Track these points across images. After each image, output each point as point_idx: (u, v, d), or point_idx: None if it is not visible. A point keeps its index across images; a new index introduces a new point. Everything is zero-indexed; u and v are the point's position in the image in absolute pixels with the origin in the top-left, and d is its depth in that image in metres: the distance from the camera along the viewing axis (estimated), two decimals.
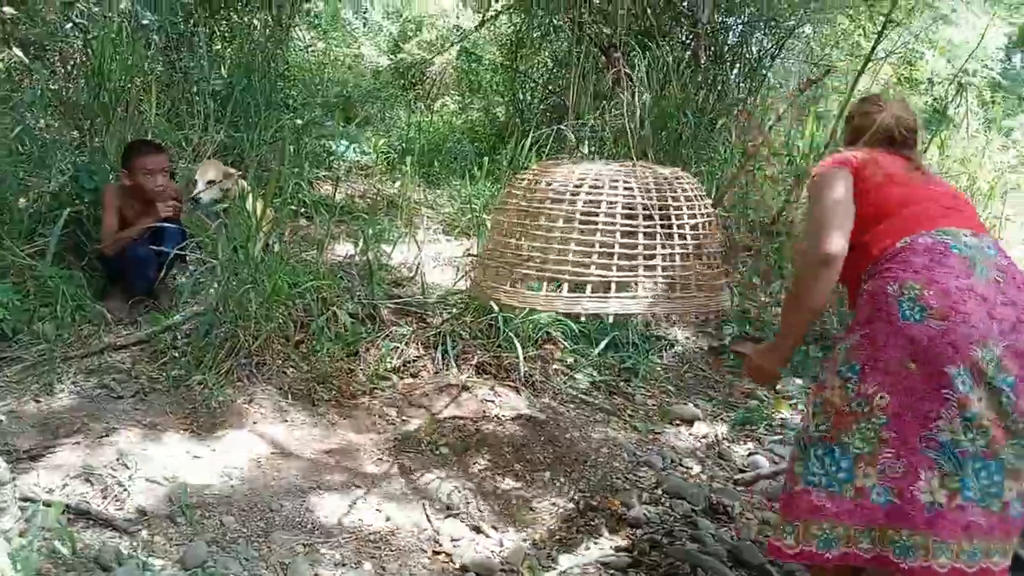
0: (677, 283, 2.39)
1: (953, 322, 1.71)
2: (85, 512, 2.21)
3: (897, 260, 1.82)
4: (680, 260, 2.39)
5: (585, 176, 2.42)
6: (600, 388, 3.70)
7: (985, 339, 1.71)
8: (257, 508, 2.40)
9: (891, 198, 1.94)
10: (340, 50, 10.09)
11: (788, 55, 7.17)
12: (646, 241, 2.35)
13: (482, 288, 2.55)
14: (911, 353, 1.73)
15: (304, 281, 3.37)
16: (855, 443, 1.78)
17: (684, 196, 2.44)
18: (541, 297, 2.40)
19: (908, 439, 1.74)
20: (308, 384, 3.16)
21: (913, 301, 1.75)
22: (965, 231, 1.86)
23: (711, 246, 2.46)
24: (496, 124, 8.22)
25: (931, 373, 1.72)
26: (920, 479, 1.73)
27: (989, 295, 1.75)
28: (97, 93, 4.23)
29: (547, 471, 2.98)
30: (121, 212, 3.51)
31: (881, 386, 1.76)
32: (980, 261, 1.80)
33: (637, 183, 2.40)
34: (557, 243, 2.42)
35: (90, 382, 2.94)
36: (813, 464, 1.83)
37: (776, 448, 3.43)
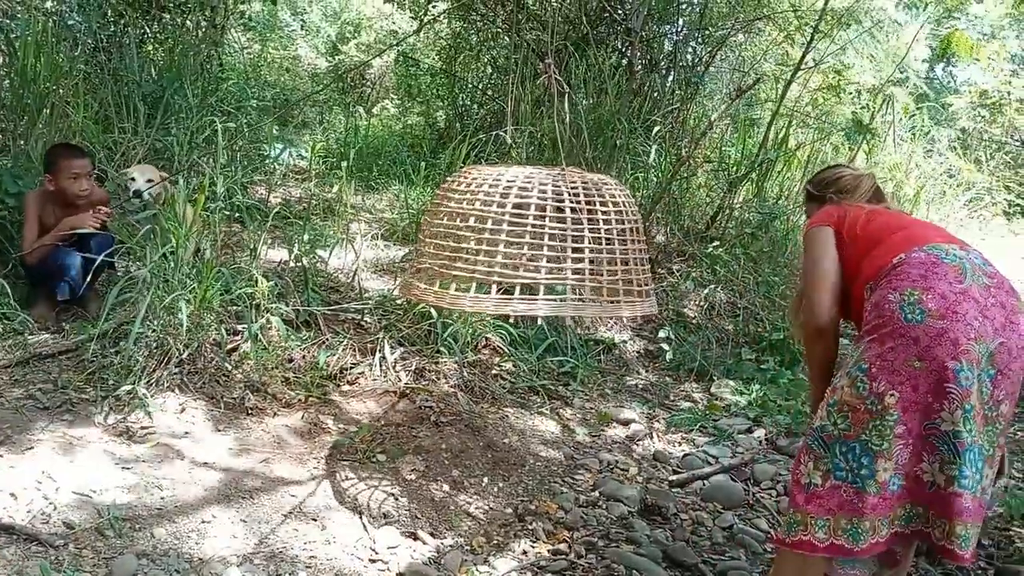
0: (605, 287, 2.42)
1: (951, 321, 1.88)
2: (8, 527, 2.14)
3: (895, 273, 2.01)
4: (608, 264, 2.42)
5: (515, 179, 2.44)
6: (539, 392, 3.73)
7: (981, 336, 1.89)
8: (189, 519, 2.36)
9: (880, 228, 2.16)
10: (277, 52, 9.96)
11: (722, 64, 7.34)
12: (575, 245, 2.38)
13: (411, 289, 2.55)
14: (916, 352, 1.89)
15: (237, 288, 3.32)
16: (873, 440, 1.91)
17: (612, 202, 2.48)
18: (468, 298, 2.41)
19: (915, 428, 1.91)
20: (241, 393, 3.11)
21: (913, 305, 1.92)
22: (952, 245, 2.06)
23: (639, 252, 2.50)
24: (436, 129, 8.22)
25: (935, 369, 1.88)
26: (923, 461, 1.92)
27: (980, 298, 1.93)
28: (21, 95, 4.09)
29: (485, 476, 3.00)
30: (41, 219, 3.41)
31: (890, 384, 1.90)
32: (970, 269, 1.98)
33: (566, 187, 2.43)
34: (486, 245, 2.44)
35: (15, 392, 2.85)
36: (839, 460, 1.95)
37: (710, 450, 3.51)
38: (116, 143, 4.40)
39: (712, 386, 4.23)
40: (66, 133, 4.17)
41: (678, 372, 4.33)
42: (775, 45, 7.12)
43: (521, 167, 2.52)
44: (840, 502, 1.94)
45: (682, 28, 7.05)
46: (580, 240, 2.36)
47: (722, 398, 4.10)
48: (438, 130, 8.11)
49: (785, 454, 3.56)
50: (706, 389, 4.23)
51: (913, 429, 1.91)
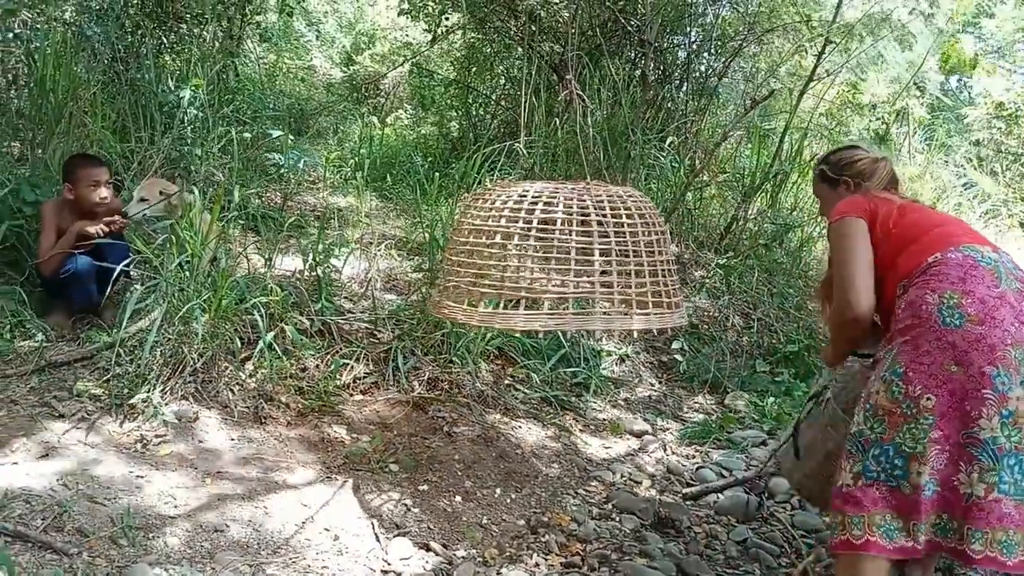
0: (633, 299, 2.41)
1: (989, 327, 1.88)
2: (22, 535, 2.15)
3: (931, 273, 1.99)
4: (636, 277, 2.42)
5: (539, 195, 2.45)
6: (551, 403, 3.72)
7: (1018, 342, 1.88)
8: (202, 528, 2.36)
9: (914, 225, 2.15)
10: (292, 62, 10.02)
11: (735, 75, 7.33)
12: (601, 258, 2.38)
13: (439, 307, 2.56)
14: (953, 356, 1.89)
15: (251, 297, 3.33)
16: (907, 442, 1.92)
17: (638, 213, 2.47)
18: (498, 315, 2.41)
19: (952, 436, 1.89)
20: (255, 402, 3.12)
21: (952, 308, 1.92)
22: (986, 247, 2.05)
23: (665, 263, 2.49)
24: (449, 139, 8.24)
25: (972, 375, 1.87)
26: (960, 471, 1.89)
27: (1016, 303, 1.94)
28: (40, 104, 4.13)
29: (497, 488, 2.99)
30: (59, 229, 3.43)
31: (927, 388, 1.90)
32: (1004, 273, 1.98)
33: (591, 201, 2.43)
34: (513, 261, 2.44)
35: (30, 400, 2.87)
36: (870, 463, 1.96)
37: (724, 462, 3.48)
38: (132, 152, 4.43)
39: (726, 398, 4.20)
40: (83, 143, 4.20)
41: (691, 384, 4.31)
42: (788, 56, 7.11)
43: (545, 183, 2.52)
44: (873, 499, 1.94)
45: (695, 39, 7.06)
46: (607, 253, 2.37)
47: (736, 410, 4.07)
48: (451, 140, 8.13)
49: None
50: (720, 401, 4.20)
51: (951, 436, 1.89)
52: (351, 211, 5.44)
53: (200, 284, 3.10)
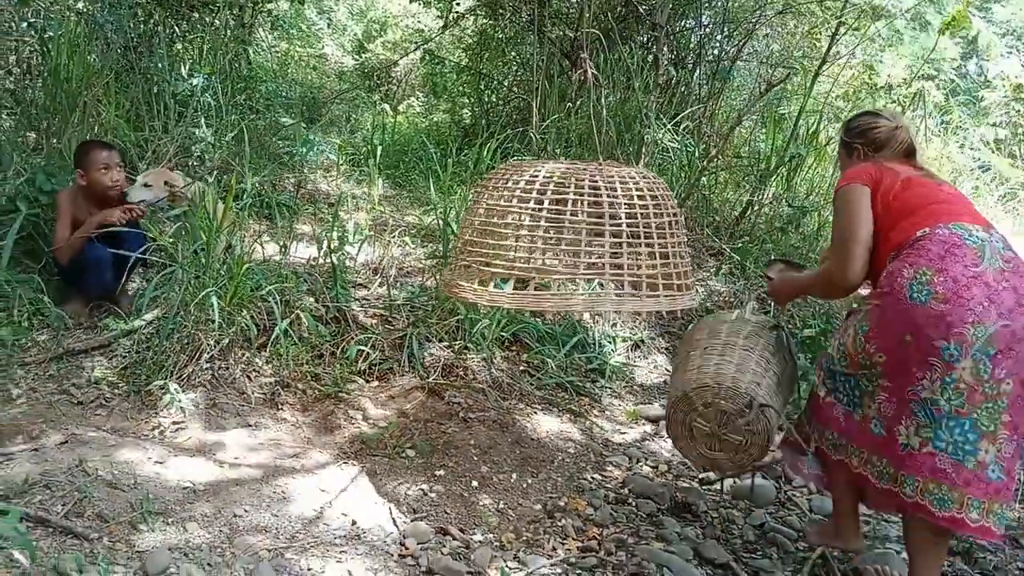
0: (643, 281, 2.40)
1: (952, 305, 2.02)
2: (44, 520, 2.17)
3: (916, 247, 2.12)
4: (647, 258, 2.40)
5: (551, 175, 2.43)
6: (567, 389, 3.71)
7: (981, 320, 2.01)
8: (221, 514, 2.38)
9: (913, 198, 2.24)
10: (304, 50, 10.00)
11: (749, 57, 7.26)
12: (612, 240, 2.36)
13: (450, 286, 2.55)
14: (910, 329, 2.07)
15: (267, 284, 3.34)
16: (862, 382, 2.22)
17: (650, 195, 2.45)
18: (507, 295, 2.41)
19: (897, 392, 2.12)
20: (272, 388, 3.13)
21: (923, 285, 2.06)
22: (977, 227, 2.15)
23: (677, 245, 2.48)
24: (461, 125, 8.22)
25: (923, 347, 2.05)
26: (901, 423, 2.11)
27: (993, 282, 2.04)
28: (54, 93, 4.14)
29: (513, 473, 2.99)
30: (75, 217, 3.44)
31: (879, 349, 2.13)
32: (989, 253, 2.09)
33: (603, 181, 2.41)
34: (524, 241, 2.43)
35: (49, 387, 2.89)
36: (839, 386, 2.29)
37: None
38: (146, 141, 4.43)
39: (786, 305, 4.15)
40: (98, 132, 4.21)
41: None
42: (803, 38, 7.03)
43: (556, 163, 2.50)
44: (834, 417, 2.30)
45: (708, 22, 6.99)
46: (618, 235, 2.35)
47: None
48: (464, 127, 8.10)
49: None
50: None
51: (895, 391, 2.12)
52: (364, 198, 5.44)
53: (215, 272, 3.10)
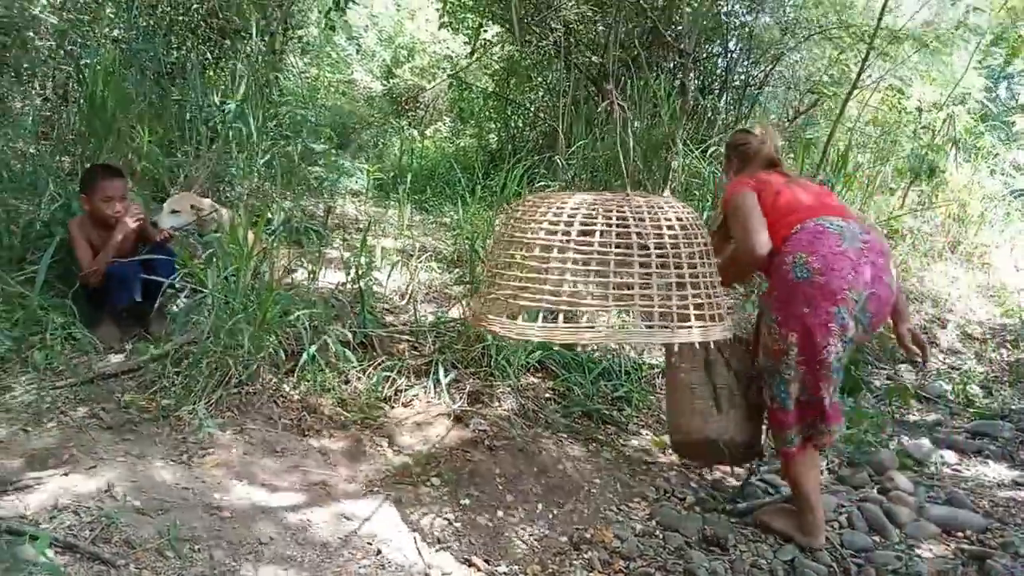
0: (674, 312, 2.37)
1: (829, 277, 2.54)
2: (72, 546, 2.17)
3: (790, 242, 2.66)
4: (677, 289, 2.38)
5: (579, 207, 2.43)
6: (593, 417, 3.68)
7: (853, 286, 2.54)
8: (246, 541, 2.37)
9: (782, 207, 2.79)
10: (333, 76, 10.13)
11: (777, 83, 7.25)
12: (642, 271, 2.35)
13: (479, 318, 2.55)
14: (804, 301, 2.57)
15: (295, 309, 3.36)
16: (785, 372, 2.69)
17: (679, 225, 2.44)
18: (536, 328, 2.39)
19: (810, 363, 2.62)
20: (298, 414, 3.14)
21: (802, 266, 2.59)
22: (836, 218, 2.69)
23: (709, 275, 2.45)
24: (488, 150, 8.27)
25: (820, 315, 2.56)
26: (822, 388, 2.66)
27: (854, 257, 2.57)
28: (90, 120, 4.22)
29: (539, 503, 2.96)
30: (89, 242, 3.49)
31: (789, 328, 2.62)
32: (848, 235, 2.62)
33: (631, 212, 2.40)
34: (552, 274, 2.42)
35: (79, 412, 2.91)
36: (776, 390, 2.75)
37: (770, 478, 3.42)
38: (179, 167, 4.50)
39: None
40: (131, 157, 4.28)
41: None
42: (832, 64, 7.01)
43: (584, 194, 2.50)
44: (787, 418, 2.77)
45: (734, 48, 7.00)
46: (647, 265, 2.34)
47: None
48: (490, 151, 8.16)
49: (849, 484, 3.46)
50: None
51: (810, 364, 2.62)
52: (392, 224, 5.47)
53: (245, 297, 3.12)
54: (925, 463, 3.72)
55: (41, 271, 3.29)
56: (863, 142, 7.40)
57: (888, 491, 3.35)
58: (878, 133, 7.61)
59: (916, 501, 3.27)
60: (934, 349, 5.43)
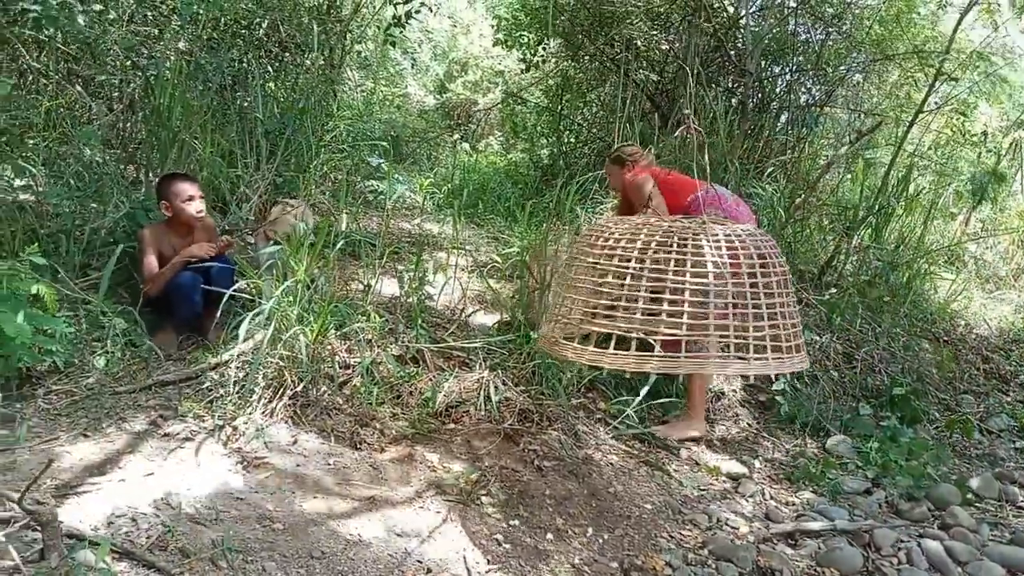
0: (751, 343, 2.32)
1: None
2: (129, 552, 2.20)
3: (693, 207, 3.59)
4: (753, 320, 2.33)
5: (654, 232, 2.39)
6: (644, 440, 3.63)
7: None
8: (299, 555, 2.38)
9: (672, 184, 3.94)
10: (388, 90, 10.25)
11: (837, 104, 7.12)
12: (717, 300, 2.31)
13: (549, 342, 2.53)
14: None
15: (351, 322, 3.38)
16: None
17: (757, 254, 2.39)
18: (608, 354, 2.35)
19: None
20: (351, 427, 3.14)
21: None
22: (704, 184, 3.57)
23: (786, 305, 2.40)
24: (540, 166, 8.26)
25: None
26: None
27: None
28: (156, 130, 4.31)
29: (589, 527, 2.92)
30: (159, 252, 3.55)
31: None
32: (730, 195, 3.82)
33: (707, 240, 2.36)
34: (625, 300, 2.39)
35: (138, 418, 2.96)
36: None
37: (826, 510, 3.33)
38: (239, 178, 4.57)
39: (827, 441, 4.03)
40: (194, 168, 4.36)
41: (791, 425, 4.15)
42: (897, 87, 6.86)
43: (659, 219, 2.47)
44: None
45: (795, 68, 6.90)
46: (723, 295, 2.29)
47: (838, 455, 3.90)
48: (542, 167, 8.14)
49: (907, 519, 3.35)
50: (820, 445, 4.03)
51: None
52: (444, 238, 5.48)
53: (303, 309, 3.15)
54: (988, 499, 3.59)
55: (104, 278, 3.36)
56: (924, 165, 7.24)
57: (949, 527, 3.24)
58: (940, 156, 7.43)
59: (978, 539, 3.15)
60: (995, 380, 5.25)
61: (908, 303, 5.12)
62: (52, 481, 2.44)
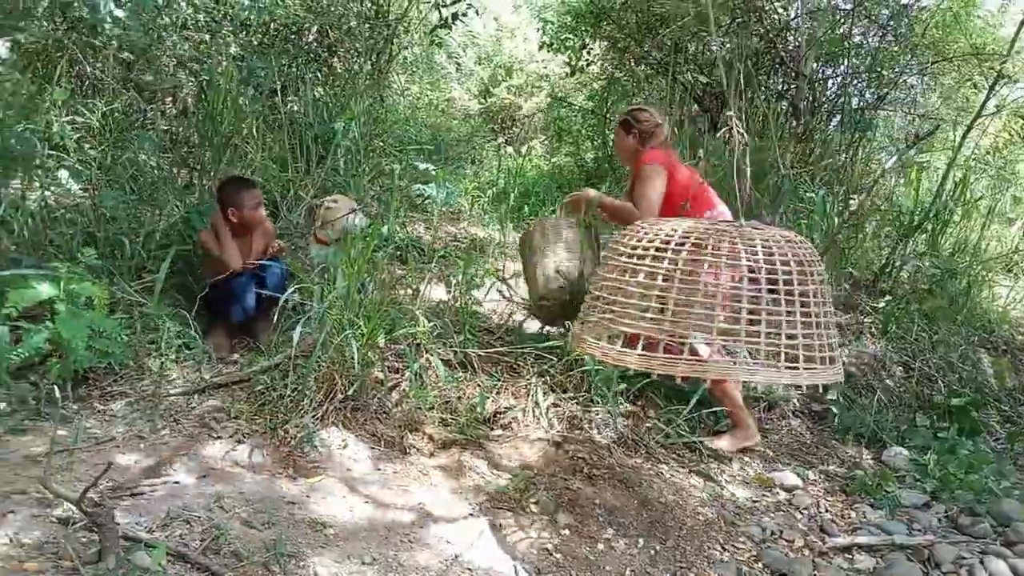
0: (783, 352, 2.26)
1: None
2: (183, 555, 2.21)
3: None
4: (788, 327, 2.27)
5: (689, 233, 2.35)
6: (694, 449, 3.57)
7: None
8: (350, 560, 2.37)
9: (685, 187, 3.52)
10: (433, 94, 10.28)
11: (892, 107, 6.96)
12: (750, 306, 2.25)
13: (579, 340, 2.50)
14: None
15: (400, 326, 3.37)
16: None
17: (795, 260, 2.33)
18: (635, 355, 2.32)
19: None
20: (400, 431, 3.14)
21: None
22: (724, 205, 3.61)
23: (823, 315, 2.33)
24: (584, 169, 8.21)
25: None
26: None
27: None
28: (209, 136, 4.37)
29: (640, 537, 2.88)
30: None
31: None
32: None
33: (743, 245, 2.31)
34: (655, 302, 2.35)
35: (191, 420, 2.99)
36: None
37: (883, 524, 3.24)
38: (290, 182, 4.61)
39: (883, 453, 3.92)
40: (246, 172, 4.41)
41: (845, 435, 4.05)
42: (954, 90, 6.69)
43: (696, 221, 2.42)
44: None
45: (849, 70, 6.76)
46: (757, 301, 2.24)
47: (895, 468, 3.79)
48: (587, 170, 8.09)
49: (968, 535, 3.24)
50: (876, 456, 3.93)
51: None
52: (491, 242, 5.47)
53: (354, 314, 3.15)
54: None
55: (159, 281, 3.40)
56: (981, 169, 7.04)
57: (1013, 544, 3.13)
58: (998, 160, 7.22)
59: None
60: None
61: (966, 311, 4.98)
62: (108, 482, 2.47)
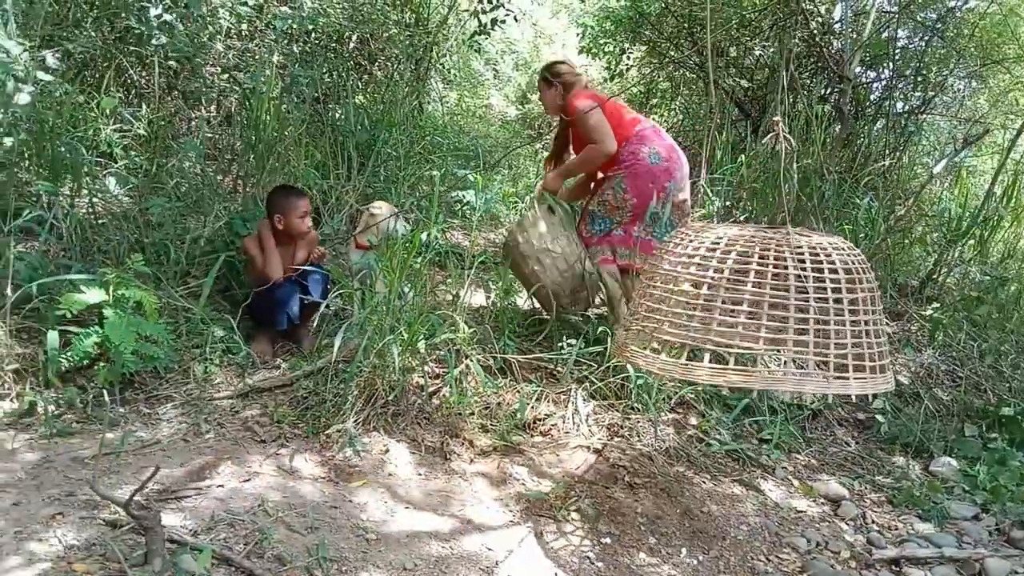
0: (831, 361, 2.22)
1: (670, 162, 3.83)
2: (227, 559, 2.23)
3: (639, 135, 3.86)
4: (836, 337, 2.23)
5: (735, 242, 2.32)
6: (737, 458, 3.52)
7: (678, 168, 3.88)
8: (392, 567, 2.37)
9: (617, 113, 3.91)
10: (471, 101, 10.33)
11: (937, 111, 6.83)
12: (798, 315, 2.21)
13: (622, 348, 2.48)
14: (651, 180, 3.79)
15: (441, 332, 3.38)
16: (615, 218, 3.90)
17: (843, 268, 2.29)
18: (680, 366, 2.29)
19: (635, 214, 3.86)
20: (441, 437, 3.14)
21: (655, 154, 3.81)
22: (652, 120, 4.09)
23: (873, 324, 2.29)
24: None
25: (658, 188, 3.80)
26: (636, 225, 3.89)
27: (673, 150, 3.89)
28: (253, 143, 4.43)
29: (683, 547, 2.84)
30: None
31: (633, 195, 3.81)
32: (664, 134, 3.97)
33: (790, 252, 2.28)
34: (701, 311, 2.32)
35: (234, 424, 3.02)
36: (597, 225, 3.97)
37: (932, 537, 3.16)
38: (331, 189, 4.65)
39: (931, 463, 3.84)
40: (288, 179, 4.46)
41: (892, 445, 3.97)
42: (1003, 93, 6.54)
43: (742, 228, 2.39)
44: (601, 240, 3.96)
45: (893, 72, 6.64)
46: (804, 310, 2.20)
47: (943, 478, 3.70)
48: None
49: (1020, 548, 3.15)
50: (924, 467, 3.84)
51: (638, 218, 3.85)
52: None
53: (395, 319, 3.17)
54: None
55: (206, 286, 3.45)
56: None
57: None
58: None
59: None
60: None
61: (1016, 319, 4.85)
62: (154, 485, 2.51)
